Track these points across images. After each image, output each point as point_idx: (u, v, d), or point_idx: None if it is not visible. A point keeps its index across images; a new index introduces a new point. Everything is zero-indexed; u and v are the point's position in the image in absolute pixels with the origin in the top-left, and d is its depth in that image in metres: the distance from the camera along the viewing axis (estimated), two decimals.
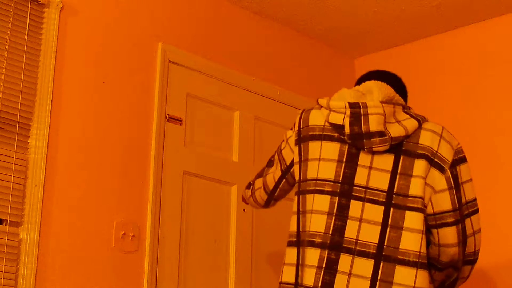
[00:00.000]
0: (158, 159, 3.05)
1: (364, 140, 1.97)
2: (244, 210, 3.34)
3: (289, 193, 2.36)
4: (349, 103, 2.01)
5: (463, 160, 2.02)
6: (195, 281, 3.10)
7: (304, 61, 3.91)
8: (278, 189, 2.33)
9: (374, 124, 1.97)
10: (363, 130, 1.97)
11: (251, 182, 2.49)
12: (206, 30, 3.41)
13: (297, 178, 2.12)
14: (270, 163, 2.39)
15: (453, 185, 1.97)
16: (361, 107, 1.99)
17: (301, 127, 2.13)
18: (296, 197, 2.09)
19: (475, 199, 2.04)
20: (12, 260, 2.53)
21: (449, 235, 1.98)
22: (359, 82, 2.22)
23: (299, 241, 2.01)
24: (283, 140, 2.27)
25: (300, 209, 2.04)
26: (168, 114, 3.15)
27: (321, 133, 2.05)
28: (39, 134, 2.68)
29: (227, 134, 3.41)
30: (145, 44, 3.13)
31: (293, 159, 2.17)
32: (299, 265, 1.98)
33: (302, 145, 2.10)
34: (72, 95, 2.83)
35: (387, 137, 1.96)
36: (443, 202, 1.96)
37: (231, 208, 3.32)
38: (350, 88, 2.12)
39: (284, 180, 2.29)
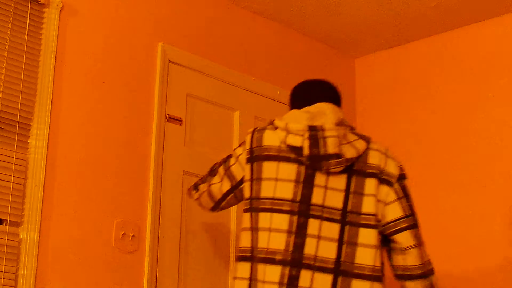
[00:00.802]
0: (158, 159, 3.05)
1: (322, 162, 2.08)
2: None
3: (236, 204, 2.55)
4: (309, 126, 2.11)
5: (405, 176, 2.21)
6: (195, 281, 3.10)
7: (304, 61, 3.91)
8: (225, 201, 2.47)
9: (331, 146, 2.08)
10: (321, 152, 2.08)
11: (197, 183, 2.60)
12: (206, 30, 3.41)
13: (247, 195, 2.21)
14: (212, 173, 2.51)
15: (401, 195, 2.15)
16: (319, 130, 2.10)
17: (254, 146, 2.22)
18: (248, 214, 2.18)
19: (415, 214, 2.21)
20: (12, 260, 2.53)
21: (406, 238, 2.13)
22: (305, 97, 2.30)
23: (253, 257, 2.11)
24: (232, 156, 2.39)
25: (253, 226, 2.14)
26: (168, 114, 3.15)
27: (277, 154, 2.14)
28: (39, 134, 2.68)
29: (227, 134, 3.41)
30: (145, 44, 3.13)
31: (244, 176, 2.27)
32: (252, 280, 2.08)
33: (254, 164, 2.19)
34: (72, 95, 2.83)
35: (342, 158, 2.08)
36: (395, 211, 2.12)
37: (231, 208, 3.31)
38: (300, 109, 2.21)
39: (232, 194, 2.41)
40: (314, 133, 2.09)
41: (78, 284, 2.70)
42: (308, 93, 2.31)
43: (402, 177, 2.19)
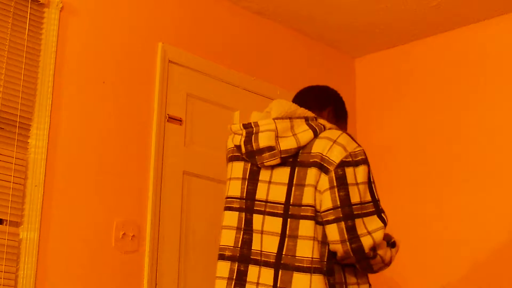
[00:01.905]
0: (158, 159, 3.05)
1: (256, 157, 2.11)
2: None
3: None
4: (243, 125, 2.18)
5: (358, 163, 2.05)
6: (195, 281, 3.10)
7: (304, 61, 3.91)
8: None
9: (263, 140, 2.10)
10: (254, 147, 2.12)
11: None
12: (206, 30, 3.41)
13: None
14: None
15: (335, 185, 2.02)
16: (253, 126, 2.15)
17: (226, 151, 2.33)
18: None
19: (372, 201, 2.05)
20: (12, 260, 2.53)
21: (331, 232, 2.03)
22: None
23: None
24: None
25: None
26: (168, 114, 3.15)
27: (232, 154, 2.25)
28: (39, 134, 2.68)
29: (227, 134, 3.40)
30: (145, 44, 3.13)
31: None
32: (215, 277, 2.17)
33: (227, 167, 2.30)
34: (72, 95, 2.83)
35: (276, 151, 2.08)
36: (325, 201, 2.03)
37: None
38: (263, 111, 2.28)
39: None
40: (249, 130, 2.15)
41: (78, 284, 2.70)
42: (294, 97, 2.43)
43: (345, 164, 2.03)
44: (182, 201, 3.12)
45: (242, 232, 2.12)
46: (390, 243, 2.17)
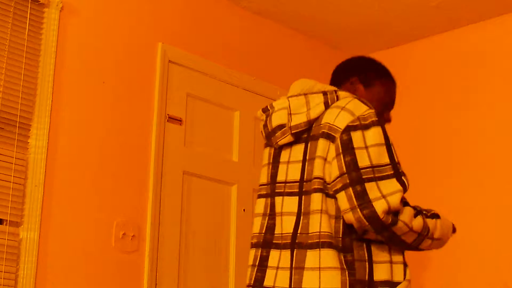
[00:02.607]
0: (158, 159, 3.05)
1: (272, 138, 2.07)
2: (244, 210, 3.34)
3: None
4: (262, 109, 2.14)
5: (368, 126, 1.92)
6: (195, 281, 3.10)
7: (304, 61, 3.91)
8: None
9: (275, 119, 2.06)
10: (269, 128, 2.09)
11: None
12: (206, 30, 3.41)
13: None
14: None
15: (341, 151, 1.91)
16: (269, 108, 2.11)
17: None
18: None
19: (386, 164, 1.91)
20: (12, 260, 2.53)
21: (341, 201, 1.89)
22: None
23: None
24: None
25: None
26: (168, 114, 3.15)
27: (265, 141, 2.19)
28: (39, 134, 2.68)
29: (227, 134, 3.41)
30: (145, 44, 3.13)
31: None
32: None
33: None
34: (72, 95, 2.83)
35: (286, 127, 2.02)
36: (333, 170, 1.91)
37: (231, 208, 3.32)
38: None
39: None
40: (267, 113, 2.12)
41: (78, 284, 2.70)
42: None
43: (349, 128, 1.91)
44: (182, 201, 3.12)
45: (267, 217, 2.05)
46: (429, 214, 2.01)
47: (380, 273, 1.91)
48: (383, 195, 1.85)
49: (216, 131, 3.36)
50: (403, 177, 1.92)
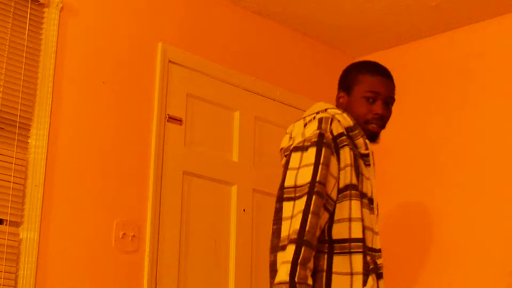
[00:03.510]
0: (158, 159, 3.05)
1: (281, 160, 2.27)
2: (244, 210, 3.34)
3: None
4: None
5: (307, 146, 2.04)
6: (195, 281, 3.10)
7: (304, 61, 3.91)
8: None
9: (281, 143, 2.28)
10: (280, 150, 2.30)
11: None
12: (206, 30, 3.41)
13: None
14: None
15: (286, 167, 2.09)
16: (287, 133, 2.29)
17: None
18: None
19: (305, 184, 1.99)
20: (12, 260, 2.53)
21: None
22: None
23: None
24: None
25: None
26: (168, 114, 3.15)
27: None
28: (39, 134, 2.68)
29: (227, 134, 3.41)
30: (145, 44, 3.13)
31: None
32: None
33: None
34: (72, 95, 2.83)
35: (281, 151, 2.23)
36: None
37: (231, 208, 3.32)
38: None
39: None
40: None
41: (78, 284, 2.70)
42: None
43: (293, 149, 2.09)
44: (182, 201, 3.12)
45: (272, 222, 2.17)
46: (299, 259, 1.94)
47: (338, 285, 1.99)
48: (292, 214, 1.96)
49: (216, 131, 3.36)
50: (313, 196, 1.96)
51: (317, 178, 1.98)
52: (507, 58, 3.53)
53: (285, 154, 2.17)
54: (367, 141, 2.20)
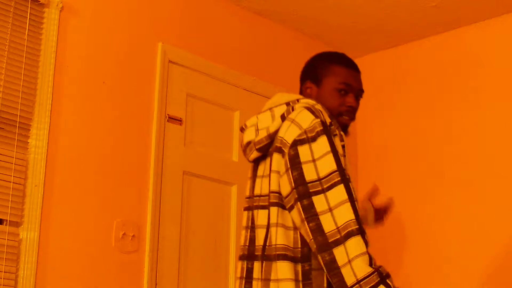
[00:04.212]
0: (158, 159, 3.05)
1: (245, 154, 2.15)
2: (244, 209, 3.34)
3: None
4: (240, 129, 2.21)
5: (314, 137, 1.93)
6: (195, 281, 3.10)
7: (304, 61, 3.90)
8: None
9: (246, 137, 2.14)
10: (242, 146, 2.16)
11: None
12: (206, 30, 3.41)
13: None
14: None
15: (289, 166, 1.94)
16: (244, 127, 2.18)
17: None
18: None
19: (333, 172, 1.89)
20: (12, 260, 2.53)
21: (294, 217, 1.92)
22: None
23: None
24: None
25: None
26: (168, 114, 3.15)
27: None
28: (39, 134, 2.68)
29: (227, 134, 3.41)
30: (145, 44, 3.13)
31: None
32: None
33: None
34: (72, 95, 2.83)
35: (251, 144, 2.10)
36: (285, 185, 1.95)
37: (231, 208, 3.32)
38: None
39: None
40: (243, 132, 2.18)
41: (78, 284, 2.70)
42: None
43: (295, 143, 1.94)
44: (182, 201, 3.12)
45: (249, 230, 2.09)
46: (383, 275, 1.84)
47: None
48: (330, 207, 1.85)
49: (216, 131, 3.36)
50: (349, 183, 1.88)
51: (343, 165, 1.91)
52: (507, 58, 3.53)
53: (257, 147, 2.05)
54: (342, 132, 2.10)
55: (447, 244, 3.53)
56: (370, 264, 1.81)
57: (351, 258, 1.80)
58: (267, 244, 1.97)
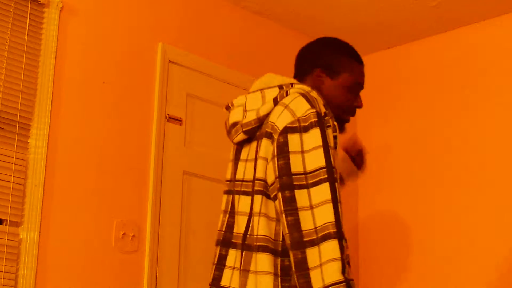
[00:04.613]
0: (158, 159, 3.05)
1: (229, 135, 2.03)
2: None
3: None
4: (226, 107, 2.09)
5: (307, 128, 1.83)
6: (195, 281, 3.10)
7: None
8: None
9: (232, 117, 2.02)
10: (227, 126, 2.04)
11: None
12: (206, 30, 3.41)
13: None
14: None
15: (275, 154, 1.83)
16: (230, 106, 2.06)
17: None
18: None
19: (321, 168, 1.78)
20: (12, 260, 2.53)
21: (276, 206, 1.83)
22: None
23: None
24: None
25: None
26: (168, 114, 3.15)
27: None
28: (39, 134, 2.68)
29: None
30: (145, 44, 3.13)
31: None
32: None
33: None
34: (72, 95, 2.83)
35: (238, 125, 1.97)
36: (270, 173, 1.84)
37: None
38: None
39: None
40: (228, 111, 2.07)
41: (78, 284, 2.70)
42: None
43: (286, 130, 1.83)
44: (182, 201, 3.12)
45: (227, 215, 2.00)
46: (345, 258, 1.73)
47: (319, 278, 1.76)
48: (312, 205, 1.76)
49: (216, 131, 3.36)
50: (336, 183, 1.77)
51: (332, 163, 1.80)
52: (507, 58, 3.53)
53: (244, 130, 1.94)
54: (335, 123, 1.96)
55: (447, 244, 3.53)
56: (343, 272, 1.70)
57: (323, 261, 1.70)
58: (248, 233, 1.88)
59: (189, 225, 3.13)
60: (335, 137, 1.91)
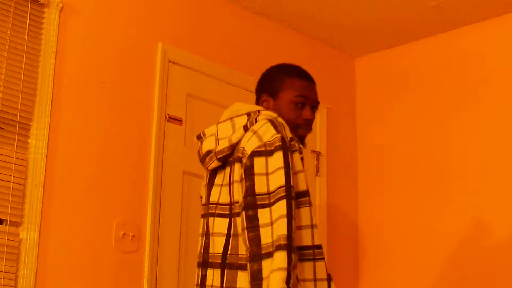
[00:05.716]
0: (158, 159, 3.05)
1: (203, 163, 2.19)
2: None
3: None
4: (197, 136, 2.25)
5: (272, 151, 1.98)
6: (195, 281, 3.10)
7: (304, 61, 3.89)
8: None
9: (205, 146, 2.18)
10: (200, 154, 2.20)
11: None
12: (206, 30, 3.41)
13: None
14: None
15: (243, 176, 2.00)
16: (202, 136, 2.22)
17: None
18: None
19: (281, 187, 1.94)
20: (12, 260, 2.53)
21: (238, 224, 2.01)
22: None
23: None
24: None
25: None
26: (168, 114, 3.15)
27: None
28: (39, 134, 2.68)
29: None
30: (145, 44, 3.13)
31: None
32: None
33: None
34: (72, 95, 2.83)
35: (212, 153, 2.13)
36: (239, 193, 2.02)
37: None
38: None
39: None
40: (200, 140, 2.22)
41: (78, 284, 2.70)
42: None
43: (253, 154, 1.99)
44: (182, 201, 3.12)
45: (204, 237, 2.15)
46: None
47: None
48: (272, 221, 1.90)
49: None
50: (292, 200, 1.92)
51: (291, 182, 1.95)
52: (507, 58, 3.53)
53: (218, 157, 2.09)
54: (301, 146, 2.14)
55: (447, 244, 3.53)
56: (287, 282, 1.83)
57: (271, 270, 1.85)
58: (229, 253, 2.02)
59: (189, 225, 3.13)
60: (302, 158, 2.08)
